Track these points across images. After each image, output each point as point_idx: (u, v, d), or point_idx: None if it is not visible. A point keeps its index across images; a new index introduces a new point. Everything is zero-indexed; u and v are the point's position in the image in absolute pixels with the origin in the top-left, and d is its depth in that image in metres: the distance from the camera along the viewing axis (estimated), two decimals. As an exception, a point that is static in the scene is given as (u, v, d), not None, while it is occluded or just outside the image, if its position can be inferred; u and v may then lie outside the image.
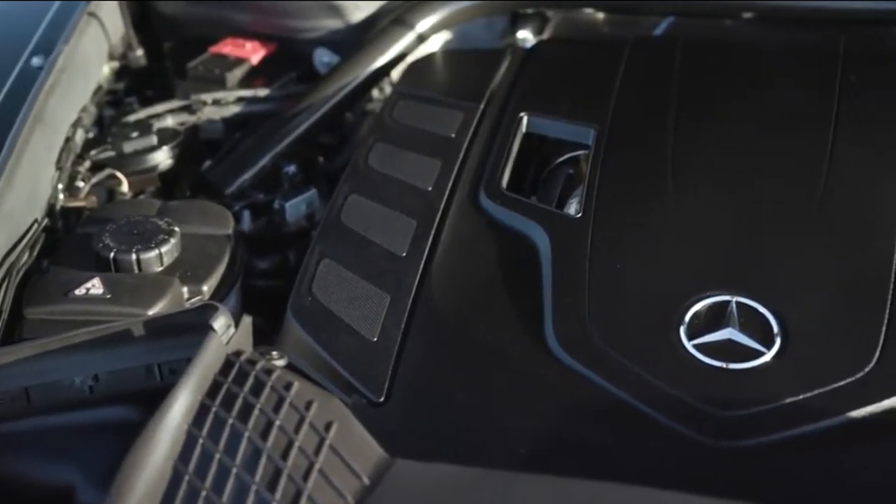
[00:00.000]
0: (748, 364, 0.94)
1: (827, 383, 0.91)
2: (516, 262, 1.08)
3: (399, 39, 1.45)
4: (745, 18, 1.46)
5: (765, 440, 0.89)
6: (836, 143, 1.14)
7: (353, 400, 0.96)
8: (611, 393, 0.94)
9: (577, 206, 1.12)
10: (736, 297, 0.99)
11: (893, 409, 0.90)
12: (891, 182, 1.08)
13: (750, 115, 1.21)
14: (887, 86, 1.21)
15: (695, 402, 0.92)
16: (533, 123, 1.25)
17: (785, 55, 1.31)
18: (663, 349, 0.96)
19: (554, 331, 0.99)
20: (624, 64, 1.30)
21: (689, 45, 1.34)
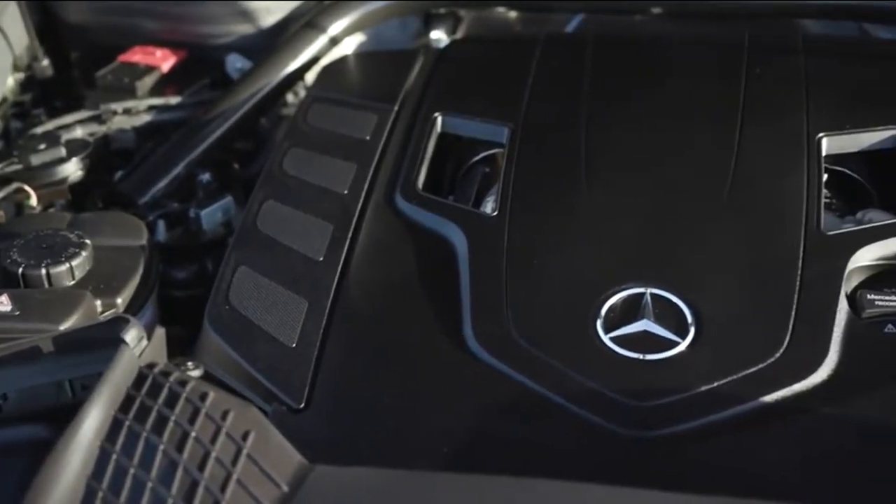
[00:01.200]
0: (663, 354, 0.95)
1: (739, 370, 0.93)
2: (434, 262, 1.08)
3: (312, 43, 1.44)
4: (654, 14, 1.48)
5: (681, 428, 0.90)
6: (742, 134, 1.16)
7: (273, 407, 0.96)
8: (530, 388, 0.95)
9: (493, 205, 1.13)
10: (650, 288, 1.00)
11: (803, 392, 0.92)
12: (796, 171, 1.11)
13: (660, 109, 1.23)
14: (790, 77, 1.24)
15: (612, 394, 0.93)
16: (447, 123, 1.25)
17: (692, 50, 1.33)
18: (580, 343, 0.97)
19: (472, 329, 0.99)
20: (536, 61, 1.31)
21: (599, 42, 1.35)
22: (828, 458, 0.88)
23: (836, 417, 0.90)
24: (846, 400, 0.91)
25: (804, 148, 1.13)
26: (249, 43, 1.54)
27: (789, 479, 0.87)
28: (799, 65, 1.26)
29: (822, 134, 1.15)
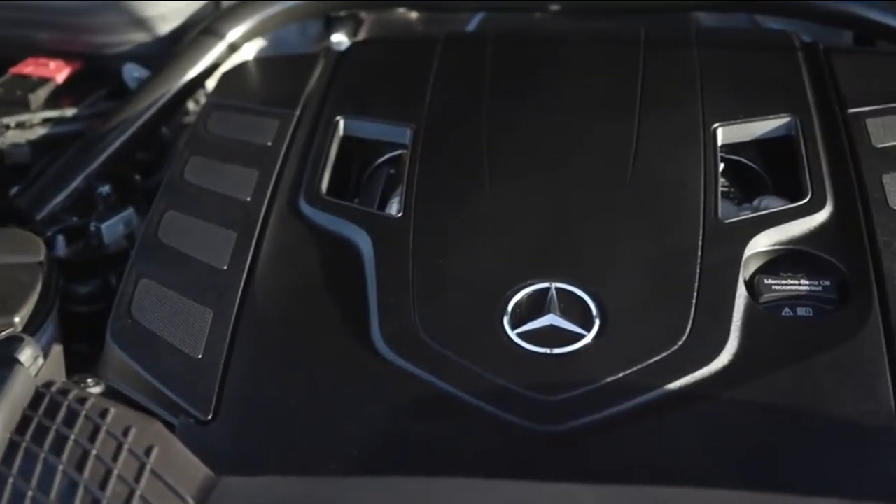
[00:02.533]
0: (570, 348, 0.96)
1: (644, 360, 0.94)
2: (340, 266, 1.07)
3: (210, 49, 1.42)
4: (553, 11, 1.49)
5: (589, 420, 0.91)
6: (641, 127, 1.18)
7: (180, 420, 0.94)
8: (439, 387, 0.95)
9: (397, 206, 1.13)
10: (555, 283, 1.01)
11: (706, 378, 0.93)
12: (693, 162, 1.13)
13: (560, 104, 1.24)
14: (685, 70, 1.26)
15: (521, 390, 0.93)
16: (350, 126, 1.25)
17: (591, 45, 1.35)
18: (488, 340, 0.98)
19: (380, 331, 0.99)
20: (437, 61, 1.31)
21: (499, 40, 1.36)
22: (732, 441, 0.90)
23: (739, 401, 0.92)
24: (747, 384, 0.93)
25: (700, 138, 1.16)
26: (146, 51, 1.52)
27: (696, 465, 0.89)
28: (693, 57, 1.28)
29: (717, 124, 1.17)
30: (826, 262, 1.03)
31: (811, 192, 1.09)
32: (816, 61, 1.28)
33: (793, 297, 1.01)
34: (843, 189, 1.09)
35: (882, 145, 1.14)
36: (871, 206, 1.07)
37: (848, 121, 1.17)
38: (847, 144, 1.15)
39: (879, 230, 1.04)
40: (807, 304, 1.00)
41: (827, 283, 1.01)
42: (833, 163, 1.13)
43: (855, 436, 0.88)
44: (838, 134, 1.16)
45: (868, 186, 1.09)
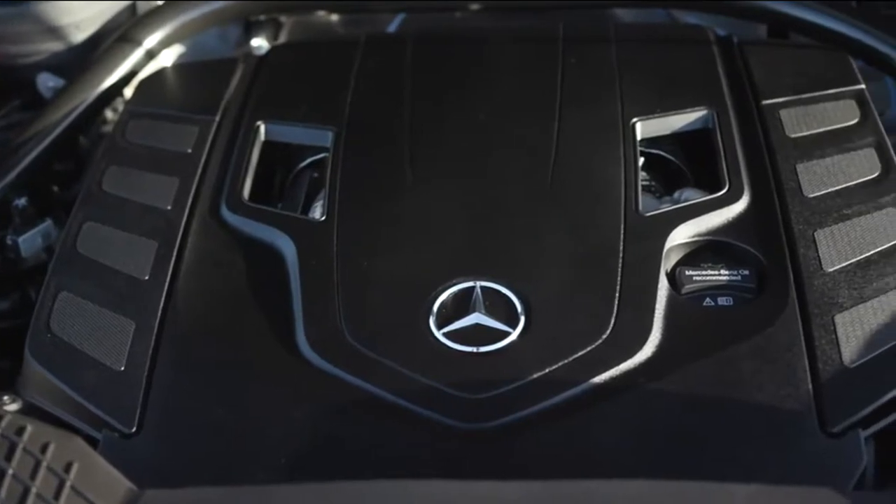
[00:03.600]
0: (496, 345, 0.97)
1: (569, 355, 0.95)
2: (264, 272, 1.06)
3: (127, 57, 1.39)
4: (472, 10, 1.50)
5: (517, 416, 0.92)
6: (561, 124, 1.18)
7: (103, 434, 0.93)
8: (367, 390, 0.95)
9: (321, 210, 1.12)
10: (480, 282, 1.01)
11: (630, 370, 0.94)
12: (613, 157, 1.14)
13: (482, 103, 1.24)
14: (603, 65, 1.27)
15: (448, 389, 0.94)
16: (271, 131, 1.24)
17: (510, 43, 1.35)
18: (415, 341, 0.98)
19: (306, 336, 0.99)
20: (357, 63, 1.31)
21: (419, 40, 1.36)
22: (657, 431, 0.91)
23: (663, 392, 0.93)
24: (671, 374, 0.94)
25: (620, 134, 1.17)
26: (61, 61, 1.49)
27: (622, 456, 0.90)
28: (611, 53, 1.29)
29: (635, 119, 1.19)
30: (745, 251, 1.05)
31: (728, 184, 1.10)
32: (731, 55, 1.30)
33: (713, 287, 1.02)
34: (759, 179, 1.11)
35: (795, 135, 1.16)
36: (787, 195, 1.09)
37: (762, 112, 1.20)
38: (762, 135, 1.17)
39: (794, 218, 1.06)
40: (727, 294, 1.02)
41: (746, 273, 1.03)
42: (749, 154, 1.15)
43: (774, 421, 0.90)
44: (753, 125, 1.18)
45: (783, 176, 1.11)
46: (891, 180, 1.10)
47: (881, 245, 1.03)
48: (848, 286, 0.99)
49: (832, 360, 0.93)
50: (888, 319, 0.96)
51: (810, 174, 1.11)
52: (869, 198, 1.08)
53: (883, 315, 0.96)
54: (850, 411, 0.90)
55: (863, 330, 0.95)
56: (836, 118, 1.18)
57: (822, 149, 1.14)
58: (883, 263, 1.01)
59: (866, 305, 0.97)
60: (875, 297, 0.98)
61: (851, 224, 1.05)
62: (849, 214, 1.06)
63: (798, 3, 1.34)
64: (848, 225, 1.05)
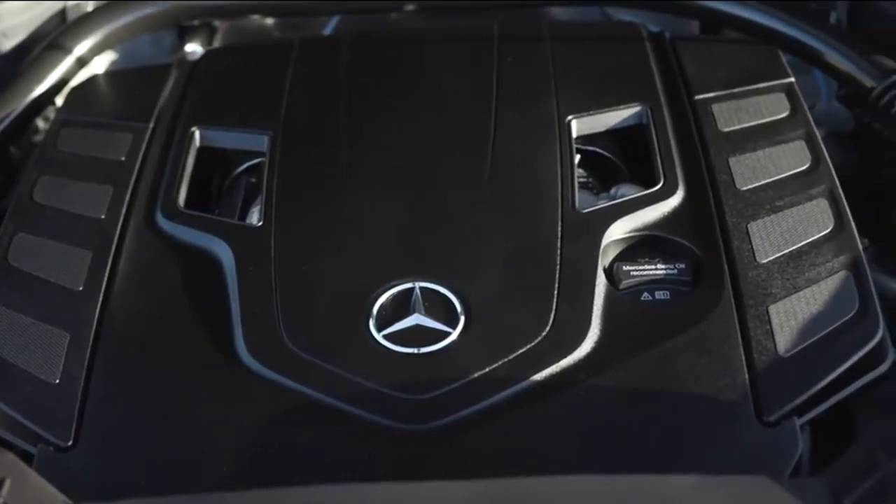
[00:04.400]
0: (436, 346, 0.97)
1: (509, 353, 0.95)
2: (201, 280, 1.05)
3: (57, 64, 1.37)
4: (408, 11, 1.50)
5: (458, 416, 0.92)
6: (498, 123, 1.19)
7: (38, 449, 0.91)
8: (308, 395, 0.94)
9: (258, 215, 1.12)
10: (419, 282, 1.01)
11: (570, 367, 0.95)
12: (549, 155, 1.15)
13: (417, 104, 1.25)
14: (538, 64, 1.28)
15: (390, 391, 0.94)
16: (206, 136, 1.23)
17: (446, 43, 1.36)
18: (355, 344, 0.97)
19: (244, 342, 0.98)
20: (292, 66, 1.30)
21: (355, 41, 1.36)
22: (597, 426, 0.92)
23: (602, 387, 0.94)
24: (610, 369, 0.95)
25: (556, 131, 1.17)
26: None
27: (563, 452, 0.91)
28: (545, 51, 1.30)
29: (571, 117, 1.19)
30: (680, 245, 1.06)
31: (663, 179, 1.12)
32: (664, 51, 1.31)
33: (650, 282, 1.03)
34: (693, 174, 1.13)
35: (728, 129, 1.18)
36: (720, 189, 1.10)
37: (695, 107, 1.21)
38: (695, 130, 1.18)
39: (728, 211, 1.08)
40: (664, 288, 1.03)
41: (682, 266, 1.04)
42: (683, 149, 1.16)
43: (712, 412, 0.91)
44: (687, 120, 1.20)
45: (716, 170, 1.12)
46: (820, 172, 1.12)
47: (812, 235, 1.04)
48: (781, 277, 1.01)
49: (767, 351, 0.95)
50: (820, 308, 0.98)
51: (743, 167, 1.12)
52: (800, 189, 1.10)
53: (815, 304, 0.98)
54: (785, 400, 0.91)
55: (796, 320, 0.97)
56: (767, 112, 1.20)
57: (753, 142, 1.16)
58: (814, 254, 1.03)
59: (799, 295, 0.99)
60: (807, 286, 1.00)
61: (783, 215, 1.07)
62: (781, 206, 1.08)
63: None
64: (780, 216, 1.07)
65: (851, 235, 1.05)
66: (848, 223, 1.06)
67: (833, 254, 1.03)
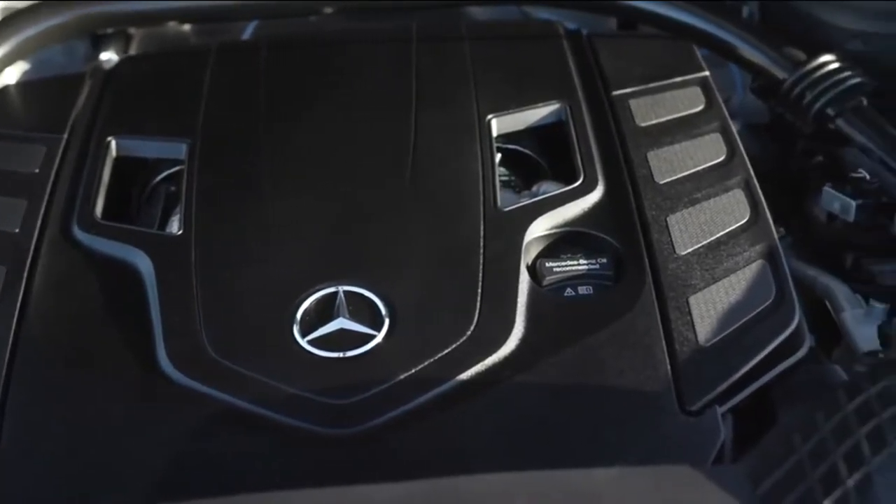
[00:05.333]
0: (361, 349, 0.96)
1: (434, 353, 0.95)
2: (121, 291, 1.04)
3: None
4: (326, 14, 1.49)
5: (385, 419, 0.92)
6: (418, 124, 1.19)
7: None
8: (232, 404, 0.93)
9: (178, 224, 1.10)
10: (343, 286, 1.01)
11: (495, 365, 0.95)
12: (470, 154, 1.15)
13: (337, 107, 1.24)
14: (458, 64, 1.28)
15: (315, 396, 0.93)
16: (123, 146, 1.21)
17: (364, 46, 1.35)
18: (279, 350, 0.97)
19: (167, 353, 0.96)
20: (210, 72, 1.29)
21: (273, 45, 1.35)
22: (523, 422, 0.92)
23: (528, 383, 0.94)
24: (535, 365, 0.95)
25: (476, 131, 1.18)
26: None
27: (490, 450, 0.91)
28: (464, 51, 1.30)
29: (491, 116, 1.20)
30: (601, 240, 1.07)
31: (583, 175, 1.13)
32: (581, 48, 1.32)
33: (573, 278, 1.04)
34: (612, 169, 1.14)
35: (645, 124, 1.19)
36: (639, 183, 1.11)
37: (613, 103, 1.22)
38: (614, 126, 1.19)
39: (647, 205, 1.09)
40: (587, 283, 1.04)
41: (604, 261, 1.05)
42: (602, 144, 1.17)
43: (636, 403, 0.92)
44: (605, 116, 1.21)
45: (635, 164, 1.14)
46: (736, 163, 1.14)
47: (729, 226, 1.06)
48: (700, 268, 1.02)
49: (688, 341, 0.96)
50: (739, 297, 0.99)
51: (660, 161, 1.14)
52: (716, 181, 1.12)
53: (734, 293, 1.00)
54: (706, 389, 0.92)
55: (716, 309, 0.99)
56: (683, 106, 1.22)
57: (670, 136, 1.17)
58: (732, 244, 1.04)
59: (718, 285, 1.01)
60: (725, 276, 1.01)
61: (701, 207, 1.08)
62: (698, 198, 1.09)
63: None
64: (698, 208, 1.08)
65: (767, 225, 1.07)
66: (763, 213, 1.08)
67: (750, 243, 1.04)
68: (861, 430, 0.70)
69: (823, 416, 0.73)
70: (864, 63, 1.29)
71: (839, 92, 1.25)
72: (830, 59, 1.28)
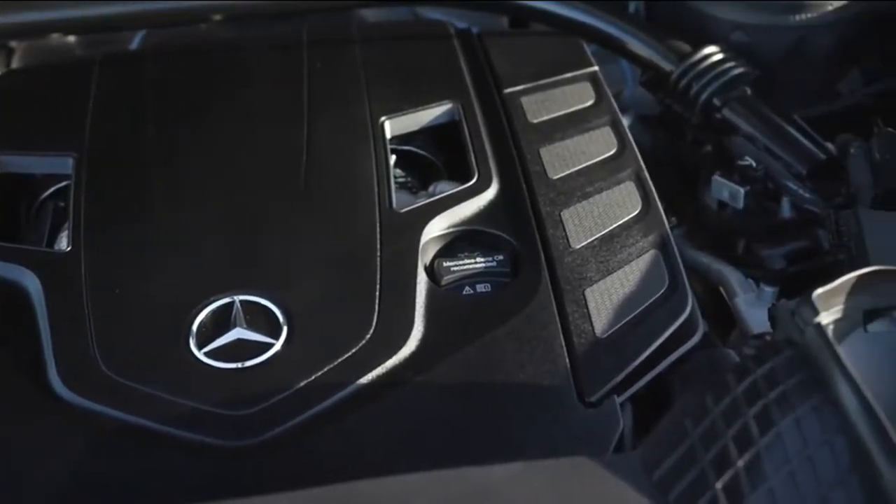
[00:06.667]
0: (260, 359, 0.95)
1: (334, 358, 0.94)
2: (7, 312, 1.01)
3: None
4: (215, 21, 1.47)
5: (286, 427, 0.90)
6: (310, 129, 1.18)
7: None
8: (129, 421, 0.91)
9: (66, 240, 1.07)
10: (239, 296, 0.99)
11: (396, 367, 0.95)
12: (364, 157, 1.14)
13: (230, 114, 1.22)
14: (349, 67, 1.28)
15: (215, 409, 0.91)
16: (6, 162, 1.17)
17: (254, 51, 1.34)
18: (175, 364, 0.95)
19: (58, 373, 0.94)
20: (95, 84, 1.26)
21: (160, 55, 1.33)
22: (425, 423, 0.92)
23: (429, 384, 0.94)
24: (436, 365, 0.95)
25: (369, 133, 1.17)
26: None
27: (395, 452, 0.90)
28: (355, 54, 1.30)
29: (384, 118, 1.20)
30: (498, 237, 1.08)
31: (478, 173, 1.13)
32: (472, 47, 1.33)
33: (471, 276, 1.04)
34: (506, 166, 1.15)
35: (537, 120, 1.20)
36: (533, 179, 1.12)
37: (505, 101, 1.23)
38: (506, 123, 1.20)
39: (542, 201, 1.10)
40: (485, 281, 1.04)
41: (501, 258, 1.06)
42: (495, 142, 1.18)
43: (537, 398, 0.93)
44: (497, 114, 1.21)
45: (528, 161, 1.15)
46: (626, 156, 1.15)
47: (622, 218, 1.08)
48: (595, 260, 1.04)
49: (585, 333, 0.97)
50: (633, 287, 1.01)
51: (553, 157, 1.15)
52: (608, 174, 1.13)
53: (628, 284, 1.01)
54: (604, 380, 0.94)
55: (611, 301, 1.00)
56: (574, 101, 1.23)
57: (562, 132, 1.19)
58: (625, 235, 1.06)
59: (612, 277, 1.02)
60: (620, 267, 1.03)
61: (594, 201, 1.10)
62: (591, 192, 1.11)
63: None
64: (591, 202, 1.10)
65: (658, 215, 1.09)
66: (655, 204, 1.10)
67: (642, 234, 1.06)
68: (749, 411, 0.72)
69: (713, 399, 0.75)
70: (747, 54, 1.33)
71: (723, 82, 1.28)
72: (714, 50, 1.31)
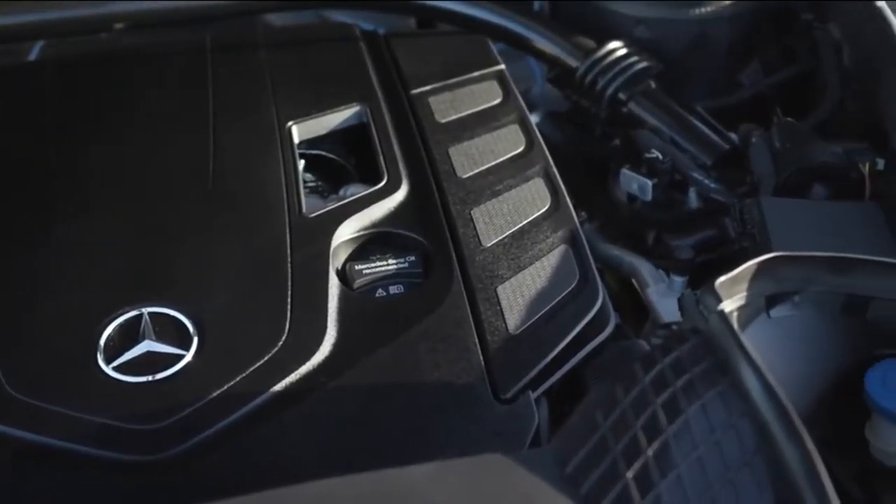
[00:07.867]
0: (170, 371, 0.93)
1: (246, 367, 0.93)
2: None
3: None
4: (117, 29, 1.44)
5: (199, 439, 0.89)
6: (217, 137, 1.16)
7: None
8: (35, 441, 0.89)
9: (-33, 256, 1.04)
10: (147, 308, 0.98)
11: (310, 372, 0.94)
12: (272, 163, 1.13)
13: (133, 124, 1.21)
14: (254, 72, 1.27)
15: (125, 424, 0.90)
16: None
17: (157, 60, 1.32)
18: (83, 381, 0.93)
19: (-41, 396, 0.91)
20: (-8, 97, 1.23)
21: (60, 65, 1.30)
22: (342, 427, 0.91)
23: (345, 387, 0.93)
24: (351, 368, 0.95)
25: (277, 139, 1.17)
26: None
27: (310, 458, 0.89)
28: (261, 59, 1.29)
29: (291, 122, 1.19)
30: (409, 238, 1.07)
31: (387, 175, 1.13)
32: (378, 49, 1.33)
33: (384, 278, 1.04)
34: (415, 167, 1.15)
35: (445, 120, 1.21)
36: (442, 179, 1.13)
37: (412, 101, 1.23)
38: (414, 124, 1.20)
39: (452, 200, 1.10)
40: (398, 282, 1.04)
41: (413, 259, 1.05)
42: (404, 144, 1.18)
43: (453, 397, 0.93)
44: (405, 115, 1.22)
45: (437, 161, 1.15)
46: (535, 153, 1.16)
47: (532, 214, 1.09)
48: (506, 258, 1.04)
49: (498, 330, 0.97)
50: (544, 283, 1.02)
51: (462, 156, 1.16)
52: (517, 171, 1.14)
53: (539, 280, 1.02)
54: (518, 376, 0.94)
55: (523, 297, 1.00)
56: (481, 99, 1.24)
57: (470, 130, 1.19)
58: (535, 232, 1.07)
59: (524, 273, 1.02)
60: (531, 264, 1.03)
61: (503, 199, 1.10)
62: (500, 190, 1.11)
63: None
64: (500, 200, 1.10)
65: (568, 211, 1.09)
66: (564, 199, 1.11)
67: (552, 230, 1.07)
68: (657, 400, 0.73)
69: (623, 390, 0.75)
70: (650, 48, 1.35)
71: (628, 77, 1.30)
72: (618, 46, 1.33)
